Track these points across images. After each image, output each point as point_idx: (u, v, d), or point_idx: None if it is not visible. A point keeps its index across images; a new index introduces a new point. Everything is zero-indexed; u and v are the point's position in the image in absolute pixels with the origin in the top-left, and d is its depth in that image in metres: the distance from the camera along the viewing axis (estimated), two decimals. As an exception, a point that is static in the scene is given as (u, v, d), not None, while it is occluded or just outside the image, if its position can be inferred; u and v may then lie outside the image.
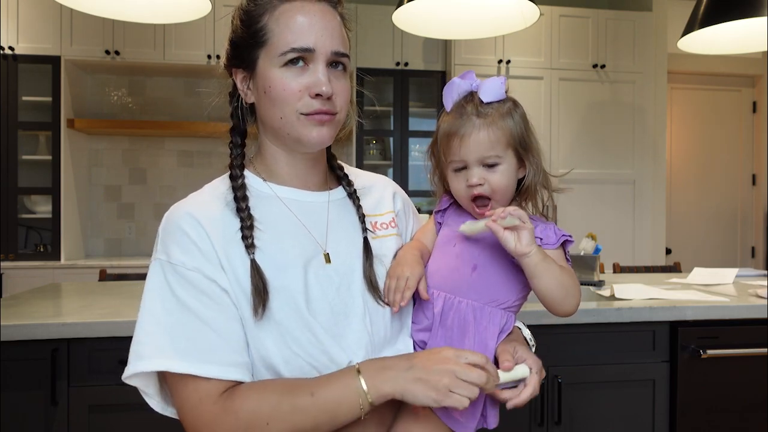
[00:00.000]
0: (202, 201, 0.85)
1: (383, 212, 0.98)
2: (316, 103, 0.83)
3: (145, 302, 0.80)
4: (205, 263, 0.79)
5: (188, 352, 0.76)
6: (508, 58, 3.72)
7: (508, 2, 2.11)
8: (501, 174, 0.91)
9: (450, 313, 0.90)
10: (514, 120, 0.91)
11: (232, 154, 0.90)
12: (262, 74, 0.84)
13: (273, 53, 0.83)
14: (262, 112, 0.87)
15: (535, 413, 1.68)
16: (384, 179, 1.07)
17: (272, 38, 0.83)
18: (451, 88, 0.94)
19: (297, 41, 0.82)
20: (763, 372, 1.76)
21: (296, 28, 0.82)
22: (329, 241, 0.88)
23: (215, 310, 0.78)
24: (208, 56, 3.52)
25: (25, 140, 3.54)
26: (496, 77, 0.92)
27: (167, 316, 0.78)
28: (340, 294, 0.85)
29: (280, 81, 0.82)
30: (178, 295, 0.78)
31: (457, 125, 0.90)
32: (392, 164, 3.93)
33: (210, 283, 0.79)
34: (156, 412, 0.86)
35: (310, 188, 0.92)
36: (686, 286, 2.13)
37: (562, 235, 0.92)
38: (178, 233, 0.81)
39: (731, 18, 2.08)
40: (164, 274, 0.80)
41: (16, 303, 1.72)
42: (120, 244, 3.89)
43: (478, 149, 0.89)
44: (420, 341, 0.92)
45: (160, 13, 2.08)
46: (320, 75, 0.83)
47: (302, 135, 0.85)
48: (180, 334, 0.77)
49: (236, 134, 0.91)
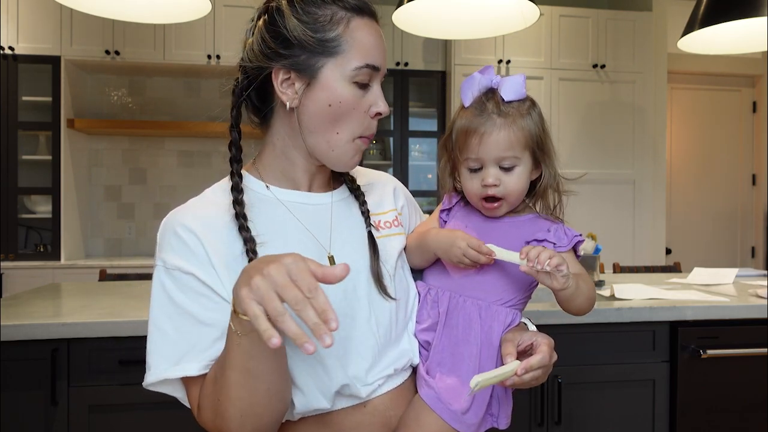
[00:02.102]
0: (201, 207, 0.84)
1: (386, 210, 0.98)
2: (374, 124, 0.86)
3: (150, 311, 0.81)
4: (197, 269, 0.79)
5: (190, 354, 0.77)
6: (508, 58, 3.72)
7: (508, 2, 2.11)
8: (517, 176, 0.89)
9: (455, 312, 0.90)
10: (533, 120, 0.90)
11: (233, 156, 0.85)
12: (328, 85, 0.82)
13: (345, 66, 0.81)
14: (312, 122, 0.84)
15: (535, 413, 1.68)
16: (385, 176, 1.06)
17: (347, 51, 0.81)
18: (471, 82, 0.91)
19: (371, 59, 0.83)
20: (763, 372, 1.76)
21: (371, 45, 0.83)
22: (333, 243, 0.88)
23: (214, 308, 0.78)
24: (208, 56, 3.52)
25: (25, 140, 3.55)
26: (517, 75, 0.91)
27: (168, 322, 0.79)
28: (347, 297, 0.84)
29: (352, 98, 0.83)
30: (176, 299, 0.79)
31: (477, 123, 0.88)
32: (392, 164, 3.93)
33: (206, 288, 0.79)
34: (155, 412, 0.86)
35: (314, 190, 0.91)
36: (686, 286, 2.13)
37: (574, 236, 0.91)
38: (173, 239, 0.81)
39: (731, 18, 2.08)
40: (162, 280, 0.80)
41: (16, 303, 1.72)
42: (120, 244, 3.89)
43: (497, 149, 0.88)
44: (424, 341, 0.92)
45: (160, 13, 2.08)
46: (379, 96, 0.85)
47: (346, 159, 0.86)
48: (182, 340, 0.78)
49: (236, 131, 0.86)
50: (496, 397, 0.91)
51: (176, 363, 0.77)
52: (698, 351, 1.71)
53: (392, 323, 0.88)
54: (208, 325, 0.78)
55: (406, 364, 0.89)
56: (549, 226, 0.91)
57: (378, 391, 0.85)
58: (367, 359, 0.83)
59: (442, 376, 0.88)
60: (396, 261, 0.92)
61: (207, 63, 3.53)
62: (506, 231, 0.91)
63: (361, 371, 0.83)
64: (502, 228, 0.92)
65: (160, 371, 0.78)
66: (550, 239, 0.89)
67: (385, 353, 0.86)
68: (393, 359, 0.87)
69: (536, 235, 0.90)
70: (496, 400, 0.91)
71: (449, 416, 0.85)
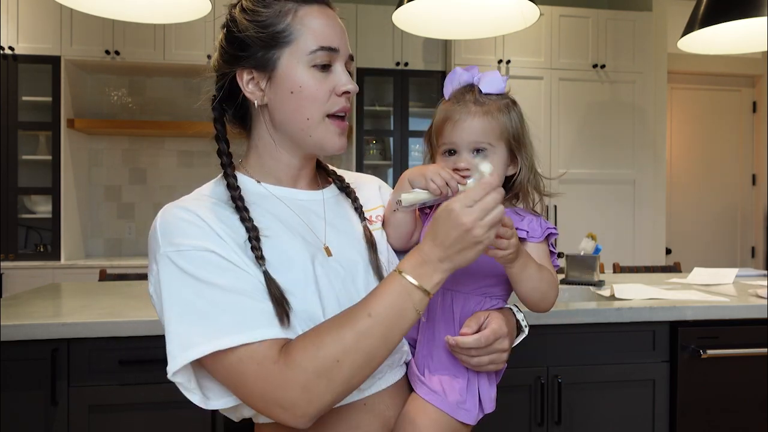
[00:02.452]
0: (196, 200, 0.86)
1: (374, 207, 1.01)
2: (342, 101, 0.87)
3: (169, 299, 0.76)
4: (212, 243, 0.78)
5: (231, 325, 0.74)
6: (508, 58, 3.72)
7: (508, 2, 2.11)
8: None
9: (435, 305, 0.92)
10: (510, 116, 0.93)
11: (223, 162, 0.88)
12: (286, 74, 0.85)
13: (300, 52, 0.84)
14: (282, 114, 0.87)
15: (535, 413, 1.68)
16: (369, 176, 1.10)
17: (299, 38, 0.84)
18: (453, 77, 0.97)
19: (325, 41, 0.85)
20: (763, 372, 1.76)
21: (322, 28, 0.85)
22: (328, 236, 0.90)
23: (240, 278, 0.77)
24: (208, 56, 3.52)
25: (25, 140, 3.54)
26: (496, 71, 0.94)
27: (198, 300, 0.75)
28: (346, 286, 0.86)
29: (311, 81, 0.85)
30: (199, 276, 0.76)
31: (452, 111, 0.93)
32: (392, 164, 3.93)
33: (222, 259, 0.77)
34: (155, 412, 0.85)
35: (302, 188, 0.94)
36: (686, 286, 2.13)
37: (548, 228, 0.93)
38: (180, 222, 0.80)
39: (731, 18, 2.08)
40: (177, 264, 0.77)
41: (16, 303, 1.72)
42: (120, 244, 3.89)
43: (470, 134, 0.91)
44: (410, 338, 0.94)
45: (159, 13, 2.08)
46: (343, 75, 0.87)
47: (326, 141, 0.88)
48: (217, 311, 0.74)
49: (223, 141, 0.90)
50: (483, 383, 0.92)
51: (217, 337, 0.73)
52: (698, 351, 1.71)
53: None
54: (244, 294, 0.76)
55: (400, 360, 0.92)
56: (524, 216, 0.94)
57: (377, 384, 0.87)
58: None
59: (431, 370, 0.91)
60: (387, 250, 0.96)
61: (207, 63, 3.52)
62: None
63: None
64: None
65: (204, 347, 0.72)
66: (523, 227, 0.91)
67: None
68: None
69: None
70: (483, 386, 0.92)
71: (448, 408, 0.87)
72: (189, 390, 0.78)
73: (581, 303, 1.79)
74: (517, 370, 0.97)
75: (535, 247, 0.92)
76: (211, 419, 1.55)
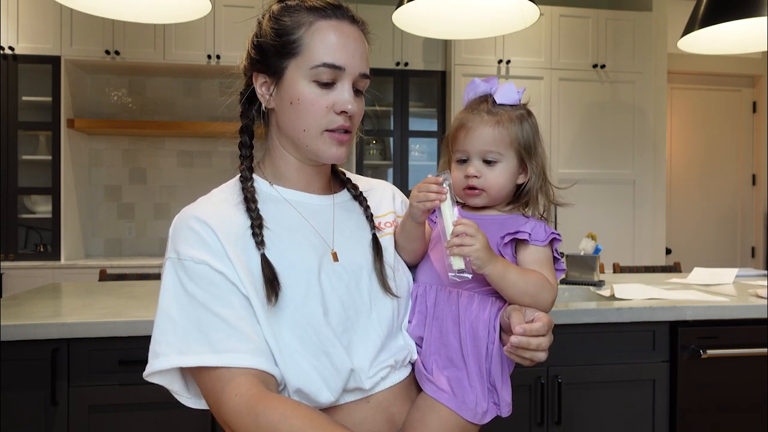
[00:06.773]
0: (211, 204, 0.89)
1: (385, 213, 1.03)
2: (340, 119, 0.87)
3: (160, 302, 0.82)
4: (211, 257, 0.81)
5: (202, 344, 0.78)
6: (508, 58, 3.72)
7: (508, 2, 2.11)
8: (498, 172, 0.95)
9: (441, 303, 0.93)
10: (522, 126, 0.96)
11: (242, 155, 0.93)
12: (289, 84, 0.87)
13: (304, 65, 0.86)
14: (284, 121, 0.90)
15: (535, 413, 1.68)
16: (383, 183, 1.12)
17: (306, 51, 0.86)
18: (471, 87, 1.00)
19: (330, 57, 0.86)
20: (763, 372, 1.76)
21: (330, 45, 0.86)
22: (336, 241, 0.92)
23: (226, 302, 0.80)
24: (208, 56, 3.52)
25: (25, 140, 3.54)
26: (512, 83, 0.98)
27: (180, 312, 0.80)
28: (350, 290, 0.87)
29: (309, 96, 0.86)
30: (189, 289, 0.80)
31: (466, 119, 0.96)
32: (392, 164, 3.93)
33: (218, 275, 0.81)
34: (155, 412, 0.87)
35: (315, 192, 0.96)
36: (686, 286, 2.13)
37: (551, 233, 0.94)
38: (187, 231, 0.84)
39: (731, 18, 2.08)
40: (175, 271, 0.82)
41: (16, 303, 1.72)
42: (120, 244, 3.89)
43: (480, 143, 0.94)
44: (417, 338, 0.95)
45: (160, 13, 2.08)
46: (346, 94, 0.87)
47: (321, 151, 0.89)
48: (193, 328, 0.79)
49: (246, 134, 0.94)
50: (497, 384, 0.92)
51: (184, 353, 0.78)
52: (698, 351, 1.71)
53: (393, 319, 0.91)
54: (217, 316, 0.79)
55: (405, 358, 0.92)
56: (529, 221, 0.95)
57: (381, 384, 0.87)
58: (370, 350, 0.86)
59: (439, 368, 0.91)
60: (393, 257, 0.97)
61: (207, 63, 3.53)
62: (489, 226, 0.94)
63: (364, 362, 0.85)
64: (486, 223, 0.94)
65: (169, 360, 0.78)
66: (526, 230, 0.92)
67: (386, 346, 0.89)
68: (393, 352, 0.90)
69: (515, 229, 0.94)
70: (498, 387, 0.92)
71: (457, 406, 0.88)
72: (175, 393, 0.85)
73: (581, 303, 1.79)
74: (517, 370, 0.97)
75: (537, 250, 0.93)
76: (211, 419, 1.55)
